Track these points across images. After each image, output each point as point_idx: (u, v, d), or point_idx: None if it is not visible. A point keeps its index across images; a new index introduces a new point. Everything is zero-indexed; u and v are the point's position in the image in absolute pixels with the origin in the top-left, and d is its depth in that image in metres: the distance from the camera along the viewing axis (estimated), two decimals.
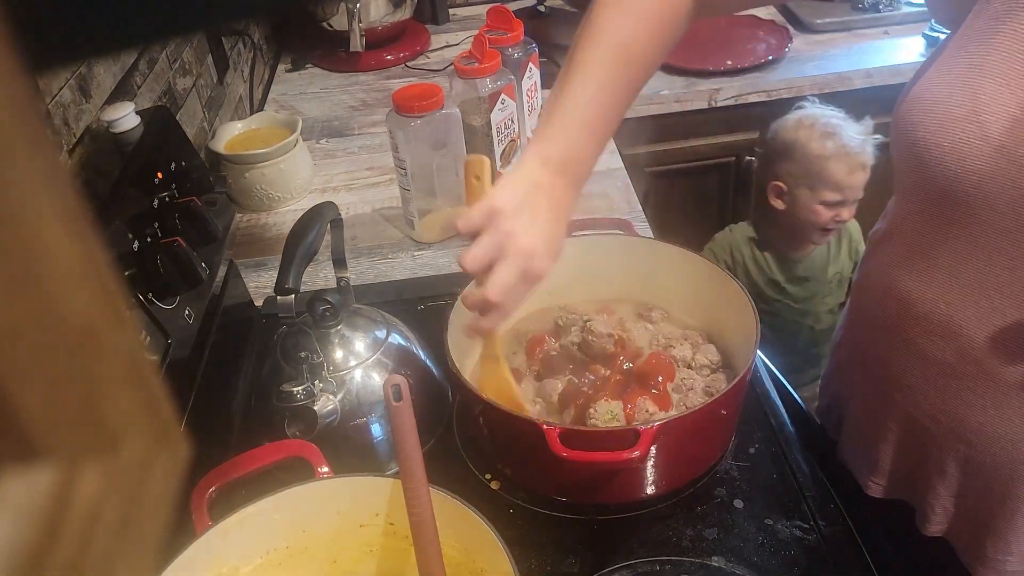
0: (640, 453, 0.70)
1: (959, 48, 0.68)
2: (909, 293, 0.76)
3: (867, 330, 0.86)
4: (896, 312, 0.78)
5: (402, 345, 0.90)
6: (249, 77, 1.70)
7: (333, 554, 0.72)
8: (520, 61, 1.31)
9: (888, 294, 0.79)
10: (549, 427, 0.73)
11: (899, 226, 0.79)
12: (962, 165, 0.65)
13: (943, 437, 0.78)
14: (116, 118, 0.92)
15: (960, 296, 0.71)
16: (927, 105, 0.68)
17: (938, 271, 0.73)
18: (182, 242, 0.83)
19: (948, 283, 0.72)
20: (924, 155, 0.68)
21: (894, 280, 0.78)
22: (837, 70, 1.64)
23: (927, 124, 0.68)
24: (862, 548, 0.78)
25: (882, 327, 0.81)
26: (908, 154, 0.71)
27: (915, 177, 0.72)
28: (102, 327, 0.19)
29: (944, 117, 0.66)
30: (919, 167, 0.70)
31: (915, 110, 0.70)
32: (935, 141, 0.67)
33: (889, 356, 0.81)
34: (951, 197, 0.68)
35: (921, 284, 0.75)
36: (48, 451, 0.17)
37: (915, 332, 0.76)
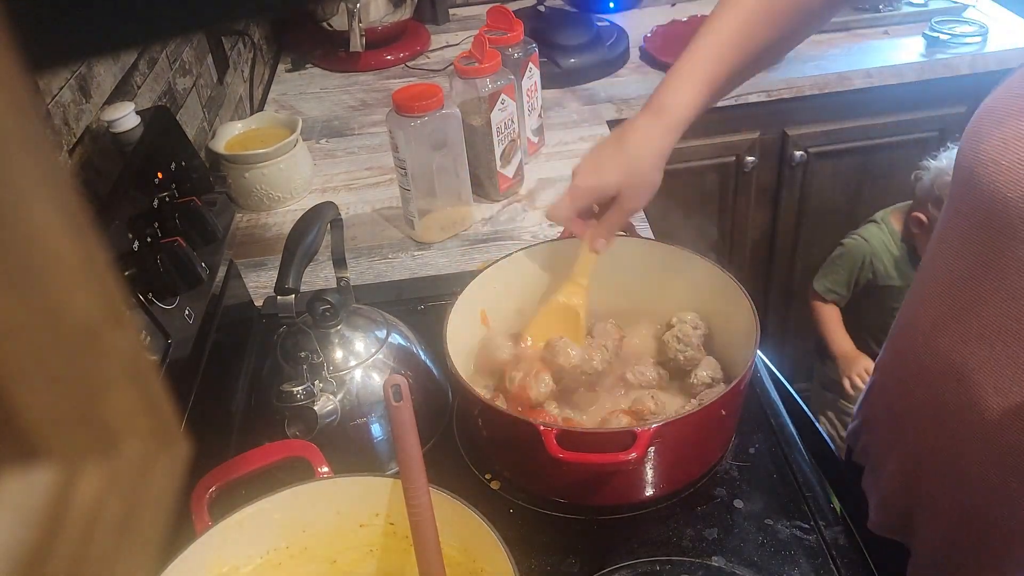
0: (637, 455, 0.70)
1: None
2: (932, 327, 0.72)
3: (895, 361, 0.83)
4: (919, 346, 0.75)
5: (402, 345, 0.90)
6: (249, 77, 1.70)
7: (333, 554, 0.72)
8: (520, 61, 1.31)
9: (914, 326, 0.76)
10: (546, 428, 0.73)
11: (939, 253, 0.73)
12: (1014, 188, 0.60)
13: (944, 481, 0.75)
14: (116, 118, 0.92)
15: (978, 340, 0.66)
16: (998, 117, 0.63)
17: (962, 308, 0.68)
18: (182, 242, 0.83)
19: (969, 323, 0.67)
20: (980, 171, 0.63)
21: (922, 311, 0.75)
22: (837, 70, 1.64)
23: (991, 138, 0.63)
24: (862, 548, 0.78)
25: (906, 360, 0.78)
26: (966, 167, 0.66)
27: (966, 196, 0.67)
28: (102, 327, 0.19)
29: (1011, 134, 0.61)
30: (972, 184, 0.65)
31: (985, 121, 0.65)
32: (994, 157, 0.62)
33: (908, 391, 0.78)
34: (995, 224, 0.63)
35: (944, 320, 0.70)
36: (48, 451, 0.17)
37: (932, 369, 0.73)
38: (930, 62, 1.64)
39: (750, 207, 1.81)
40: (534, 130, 1.41)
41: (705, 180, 1.76)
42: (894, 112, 1.70)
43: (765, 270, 1.92)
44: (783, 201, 1.81)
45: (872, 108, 1.68)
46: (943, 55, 1.64)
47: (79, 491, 0.18)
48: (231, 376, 0.98)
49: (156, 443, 0.21)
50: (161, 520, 0.21)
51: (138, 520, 0.20)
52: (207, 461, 0.75)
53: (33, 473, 0.17)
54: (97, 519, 0.18)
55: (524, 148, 1.37)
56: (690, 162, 1.69)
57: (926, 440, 0.77)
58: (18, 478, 0.17)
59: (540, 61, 1.38)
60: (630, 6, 1.94)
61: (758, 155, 1.72)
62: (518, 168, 1.32)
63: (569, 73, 1.63)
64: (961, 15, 1.74)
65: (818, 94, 1.64)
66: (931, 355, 0.73)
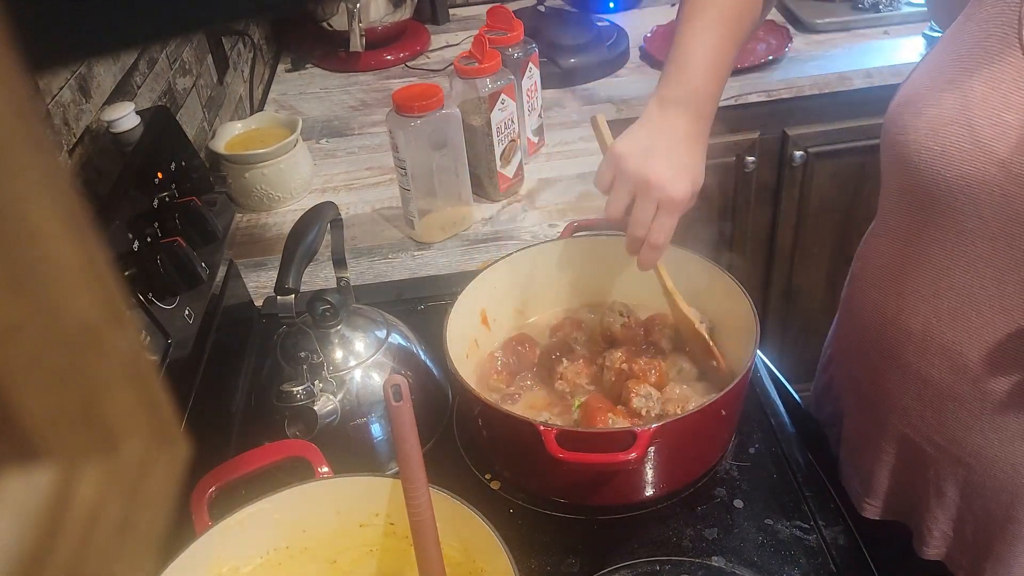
0: (637, 455, 0.70)
1: (950, 51, 0.66)
2: (898, 308, 0.74)
3: (857, 349, 0.84)
4: (886, 329, 0.76)
5: (402, 345, 0.90)
6: (249, 77, 1.70)
7: (333, 554, 0.72)
8: (520, 61, 1.31)
9: (876, 310, 0.77)
10: (546, 428, 0.73)
11: (885, 237, 0.76)
12: (951, 169, 0.64)
13: (941, 460, 0.76)
14: (116, 118, 0.92)
15: (950, 310, 0.69)
16: (918, 108, 0.67)
17: (926, 284, 0.71)
18: (182, 242, 0.83)
19: (936, 297, 0.70)
20: (913, 159, 0.67)
21: (881, 294, 0.76)
22: (837, 70, 1.64)
23: (917, 127, 0.66)
24: (862, 548, 0.78)
25: (872, 345, 0.79)
26: (897, 158, 0.70)
27: (903, 183, 0.70)
28: (102, 327, 0.19)
29: (934, 120, 0.65)
30: (907, 171, 0.68)
31: (906, 113, 0.68)
32: (925, 144, 0.65)
33: (881, 376, 0.79)
34: (939, 203, 0.66)
35: (910, 298, 0.73)
36: (48, 451, 0.17)
37: (907, 350, 0.74)
38: (923, 57, 1.64)
39: (750, 207, 1.81)
40: (534, 130, 1.41)
41: (705, 180, 1.76)
42: None
43: (765, 270, 1.92)
44: (783, 201, 1.81)
45: (872, 108, 1.67)
46: None
47: (79, 491, 0.18)
48: (231, 376, 0.98)
49: (156, 443, 0.21)
50: (161, 520, 0.21)
51: (138, 520, 0.20)
52: (207, 461, 0.75)
53: (33, 473, 0.17)
54: (97, 519, 0.18)
55: (524, 148, 1.37)
56: None
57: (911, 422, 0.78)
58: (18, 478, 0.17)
59: (540, 61, 1.38)
60: (630, 6, 1.94)
61: (758, 155, 1.72)
62: (518, 168, 1.32)
63: (569, 73, 1.63)
64: None
65: (818, 94, 1.64)
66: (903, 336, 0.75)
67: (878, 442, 0.83)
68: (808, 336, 2.00)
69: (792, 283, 1.93)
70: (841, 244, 1.87)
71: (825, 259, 1.89)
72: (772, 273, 1.91)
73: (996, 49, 0.62)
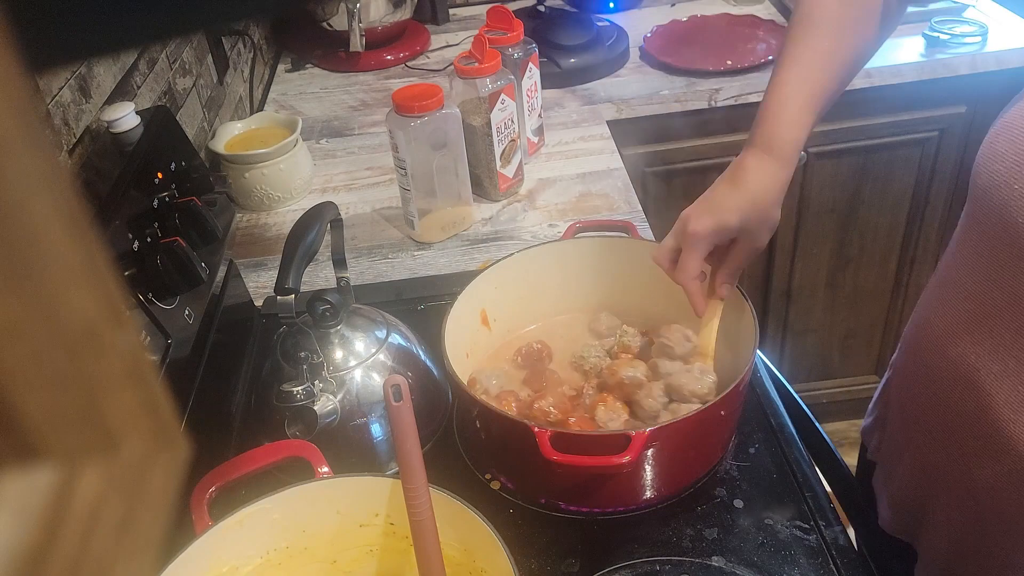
0: (631, 458, 0.70)
1: None
2: (945, 334, 0.72)
3: (908, 364, 0.83)
4: (930, 352, 0.75)
5: (402, 345, 0.90)
6: (249, 77, 1.70)
7: (333, 554, 0.72)
8: (520, 61, 1.31)
9: (927, 332, 0.76)
10: (540, 430, 0.73)
11: (955, 260, 0.74)
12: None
13: (954, 489, 0.75)
14: (116, 118, 0.92)
15: (991, 351, 0.67)
16: (1015, 136, 0.63)
17: (976, 320, 0.68)
18: (182, 242, 0.83)
19: (982, 334, 0.68)
20: (994, 192, 0.63)
21: (935, 318, 0.75)
22: None
23: (1007, 157, 0.62)
24: (862, 548, 0.78)
25: (918, 364, 0.78)
26: (982, 186, 0.66)
27: (981, 214, 0.67)
28: (102, 327, 0.19)
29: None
30: (985, 202, 0.65)
31: (1001, 139, 0.64)
32: (1007, 180, 0.61)
33: (919, 396, 0.78)
34: (1010, 243, 0.63)
35: (956, 328, 0.71)
36: (48, 451, 0.17)
37: (943, 375, 0.73)
38: (930, 62, 1.64)
39: None
40: (534, 130, 1.41)
41: (706, 180, 1.75)
42: (894, 112, 1.70)
43: (765, 270, 1.92)
44: (783, 201, 1.80)
45: (872, 108, 1.68)
46: (943, 55, 1.64)
47: (79, 491, 0.18)
48: (231, 376, 0.98)
49: (156, 443, 0.21)
50: (161, 520, 0.21)
51: (138, 520, 0.20)
52: (207, 461, 0.75)
53: (33, 473, 0.17)
54: (97, 519, 0.18)
55: (524, 148, 1.37)
56: (690, 162, 1.69)
57: (936, 445, 0.77)
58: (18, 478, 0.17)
59: (540, 61, 1.38)
60: (630, 6, 1.94)
61: None
62: (518, 168, 1.32)
63: (569, 73, 1.63)
64: (961, 15, 1.74)
65: None
66: (943, 361, 0.73)
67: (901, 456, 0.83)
68: (808, 336, 2.00)
69: (792, 283, 1.93)
70: (841, 244, 1.87)
71: (825, 259, 1.89)
72: (772, 273, 1.91)
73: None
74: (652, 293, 0.97)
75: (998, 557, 0.74)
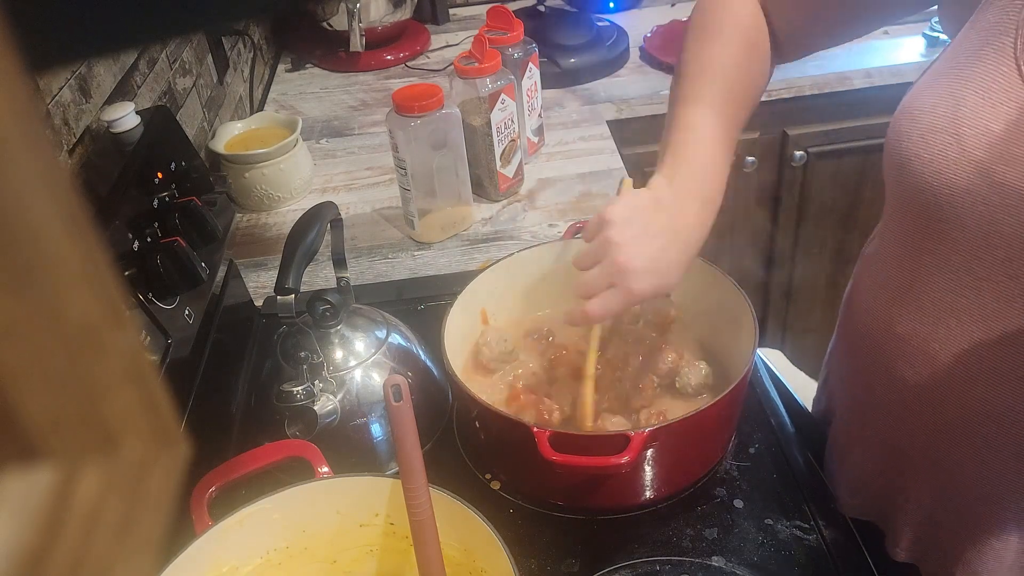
0: (630, 459, 0.70)
1: (950, 60, 0.67)
2: (888, 312, 0.74)
3: (851, 348, 0.85)
4: (877, 332, 0.77)
5: (402, 345, 0.90)
6: (249, 77, 1.70)
7: (333, 554, 0.72)
8: (520, 61, 1.31)
9: (869, 313, 0.78)
10: (539, 430, 0.73)
11: (883, 243, 0.77)
12: (939, 179, 0.65)
13: (917, 463, 0.77)
14: (116, 118, 0.92)
15: (933, 318, 0.70)
16: (914, 115, 0.67)
17: (914, 291, 0.71)
18: (182, 242, 0.83)
19: (922, 304, 0.71)
20: (906, 166, 0.67)
21: (875, 298, 0.77)
22: (837, 70, 1.64)
23: (911, 135, 0.67)
24: (862, 548, 0.78)
25: (864, 346, 0.80)
26: (894, 165, 0.70)
27: (898, 190, 0.71)
28: (102, 327, 0.19)
29: (927, 129, 0.65)
30: (902, 179, 0.69)
31: (903, 120, 0.69)
32: (916, 152, 0.66)
33: (869, 376, 0.80)
34: (928, 212, 0.67)
35: (898, 304, 0.73)
36: (48, 451, 0.17)
37: (893, 353, 0.75)
38: (930, 62, 1.64)
39: (750, 207, 1.81)
40: (534, 130, 1.41)
41: None
42: (894, 112, 1.70)
43: (765, 270, 1.92)
44: (783, 201, 1.81)
45: (872, 108, 1.68)
46: None
47: (79, 491, 0.18)
48: (231, 376, 0.98)
49: (156, 443, 0.21)
50: (161, 520, 0.21)
51: (138, 520, 0.20)
52: (207, 461, 0.75)
53: (33, 473, 0.17)
54: (97, 519, 0.18)
55: (524, 148, 1.37)
56: None
57: (893, 423, 0.78)
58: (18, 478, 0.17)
59: (540, 61, 1.38)
60: (630, 6, 1.94)
61: (758, 155, 1.72)
62: (518, 168, 1.32)
63: (569, 73, 1.63)
64: None
65: (818, 94, 1.64)
66: (889, 338, 0.75)
67: (860, 441, 0.84)
68: (808, 336, 2.00)
69: (792, 283, 1.93)
70: (841, 244, 1.87)
71: (825, 259, 1.90)
72: (772, 273, 1.91)
73: (991, 58, 0.62)
74: None
75: (970, 522, 0.75)
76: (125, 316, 0.20)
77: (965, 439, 0.71)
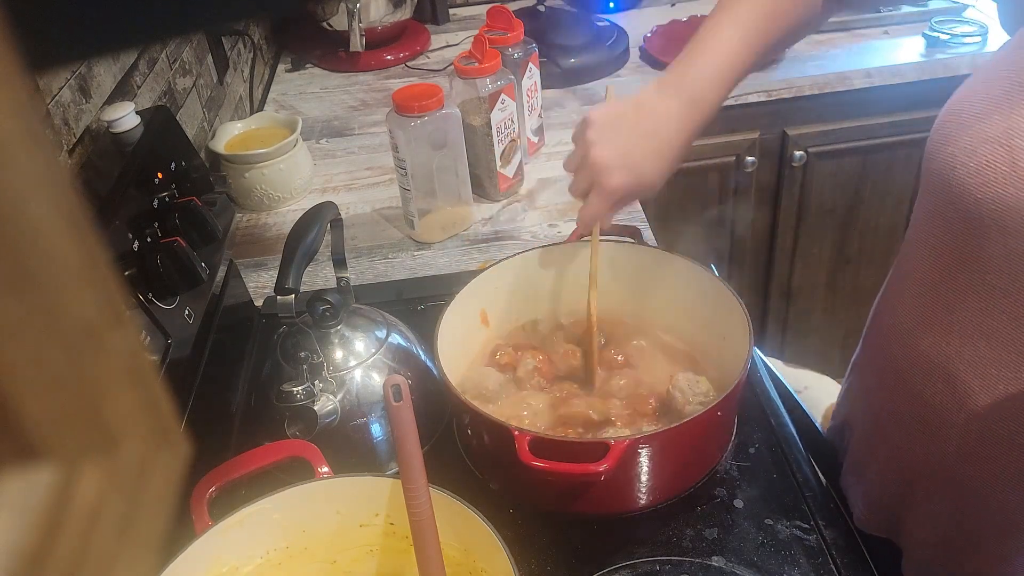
0: (608, 467, 0.69)
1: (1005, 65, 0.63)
2: (913, 329, 0.72)
3: (875, 361, 0.83)
4: (901, 347, 0.75)
5: (402, 345, 0.90)
6: (249, 77, 1.70)
7: (333, 554, 0.72)
8: (520, 61, 1.31)
9: (895, 327, 0.76)
10: (520, 433, 0.72)
11: (913, 255, 0.74)
12: (984, 191, 0.61)
13: (934, 482, 0.75)
14: (116, 118, 0.92)
15: (960, 339, 0.67)
16: (963, 119, 0.64)
17: (942, 308, 0.68)
18: (182, 242, 0.83)
19: (950, 322, 0.67)
20: (949, 174, 0.64)
21: (902, 311, 0.75)
22: (837, 70, 1.64)
23: (958, 140, 0.63)
24: (862, 548, 0.78)
25: (888, 361, 0.78)
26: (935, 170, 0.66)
27: (936, 199, 0.67)
28: (102, 327, 0.19)
29: (976, 136, 0.62)
30: (942, 186, 0.65)
31: (950, 123, 0.65)
32: (962, 160, 0.62)
33: (891, 392, 0.78)
34: (968, 225, 0.63)
35: (927, 320, 0.70)
36: (48, 451, 0.17)
37: (915, 370, 0.73)
38: (930, 62, 1.64)
39: (750, 207, 1.81)
40: (534, 130, 1.41)
41: (705, 180, 1.76)
42: (894, 112, 1.70)
43: (765, 270, 1.92)
44: (783, 201, 1.81)
45: (872, 108, 1.68)
46: (943, 55, 1.64)
47: (79, 491, 0.18)
48: (231, 376, 0.98)
49: (156, 443, 0.21)
50: (161, 520, 0.21)
51: (138, 520, 0.20)
52: (207, 461, 0.75)
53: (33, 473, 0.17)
54: (97, 519, 0.18)
55: (524, 148, 1.37)
56: (690, 162, 1.69)
57: (912, 442, 0.76)
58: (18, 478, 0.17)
59: (540, 61, 1.38)
60: (630, 6, 1.94)
61: (758, 155, 1.72)
62: (518, 168, 1.32)
63: (569, 73, 1.63)
64: (961, 15, 1.74)
65: (818, 94, 1.64)
66: (914, 356, 0.73)
67: (878, 457, 0.83)
68: (808, 336, 2.00)
69: (792, 283, 1.93)
70: (841, 244, 1.88)
71: (825, 259, 1.90)
72: (772, 273, 1.91)
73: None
74: (647, 298, 0.97)
75: (986, 546, 0.73)
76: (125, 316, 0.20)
77: (985, 464, 0.69)
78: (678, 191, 1.75)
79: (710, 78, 0.76)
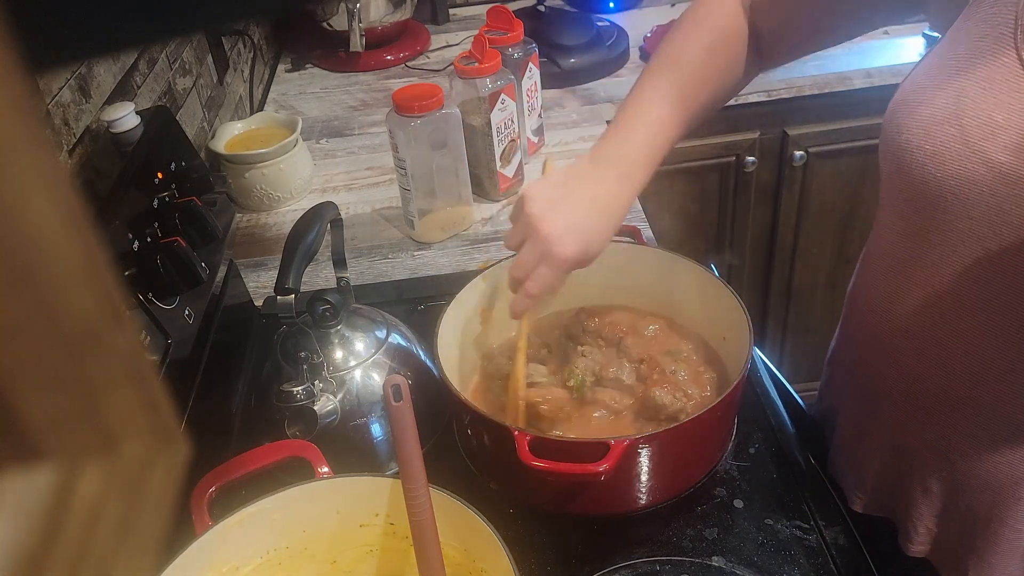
0: (608, 467, 0.69)
1: (947, 50, 0.66)
2: (893, 307, 0.74)
3: (857, 344, 0.85)
4: (883, 327, 0.77)
5: (402, 345, 0.90)
6: (249, 77, 1.70)
7: (333, 554, 0.72)
8: (520, 61, 1.31)
9: (874, 308, 0.78)
10: (520, 433, 0.73)
11: (883, 237, 0.77)
12: (942, 169, 0.64)
13: (928, 456, 0.77)
14: (116, 118, 0.92)
15: (940, 311, 0.70)
16: (912, 107, 0.67)
17: (918, 284, 0.71)
18: (182, 242, 0.83)
19: (928, 297, 0.70)
20: (907, 158, 0.67)
21: (879, 294, 0.77)
22: (837, 70, 1.64)
23: (911, 126, 0.67)
24: (862, 548, 0.78)
25: (871, 341, 0.80)
26: (892, 158, 0.70)
27: (898, 183, 0.71)
28: (102, 327, 0.19)
29: (927, 120, 0.65)
30: (902, 171, 0.69)
31: (900, 112, 0.69)
32: (917, 144, 0.66)
33: (878, 371, 0.80)
34: (931, 204, 0.67)
35: (903, 298, 0.73)
36: (48, 451, 0.17)
37: (902, 348, 0.75)
38: (921, 58, 1.64)
39: (750, 207, 1.81)
40: (534, 130, 1.41)
41: (705, 180, 1.76)
42: None
43: (765, 270, 1.92)
44: (783, 201, 1.81)
45: (872, 108, 1.67)
46: None
47: (79, 491, 0.18)
48: (231, 376, 0.98)
49: (156, 443, 0.21)
50: (161, 520, 0.21)
51: (138, 520, 0.20)
52: (207, 461, 0.75)
53: (33, 473, 0.17)
54: (97, 519, 0.18)
55: (524, 148, 1.37)
56: (690, 162, 1.69)
57: (904, 419, 0.78)
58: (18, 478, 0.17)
59: (540, 61, 1.38)
60: (630, 6, 1.94)
61: (758, 155, 1.72)
62: (518, 168, 1.32)
63: (569, 73, 1.63)
64: None
65: (818, 94, 1.64)
66: (896, 335, 0.75)
67: (869, 437, 0.84)
68: (808, 336, 2.00)
69: (792, 283, 1.93)
70: (841, 244, 1.87)
71: (825, 259, 1.89)
72: (772, 273, 1.91)
73: (991, 49, 0.62)
74: (645, 298, 0.97)
75: (982, 515, 0.75)
76: (125, 316, 0.20)
77: (975, 431, 0.71)
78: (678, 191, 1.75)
79: (641, 154, 0.79)
